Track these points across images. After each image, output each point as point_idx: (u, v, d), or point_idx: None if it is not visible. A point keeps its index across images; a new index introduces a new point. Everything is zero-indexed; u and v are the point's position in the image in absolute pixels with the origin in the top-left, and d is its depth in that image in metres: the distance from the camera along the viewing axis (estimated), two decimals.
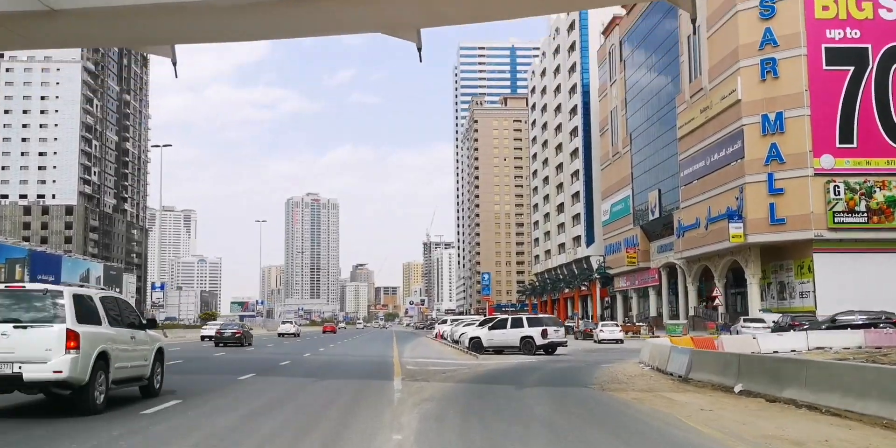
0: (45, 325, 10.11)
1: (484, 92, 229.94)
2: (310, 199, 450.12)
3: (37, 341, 9.93)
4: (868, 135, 49.46)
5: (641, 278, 75.63)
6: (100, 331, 10.81)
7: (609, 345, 41.67)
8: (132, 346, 11.83)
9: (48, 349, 9.87)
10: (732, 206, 53.00)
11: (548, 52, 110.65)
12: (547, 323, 26.81)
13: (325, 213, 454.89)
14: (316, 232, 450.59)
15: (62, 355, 9.86)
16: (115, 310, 11.76)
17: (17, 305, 10.42)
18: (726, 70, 53.88)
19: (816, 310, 48.80)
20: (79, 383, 10.04)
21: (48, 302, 10.39)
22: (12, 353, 9.81)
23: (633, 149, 75.87)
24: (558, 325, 27.56)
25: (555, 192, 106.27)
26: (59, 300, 10.40)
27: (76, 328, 10.14)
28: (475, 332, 28.54)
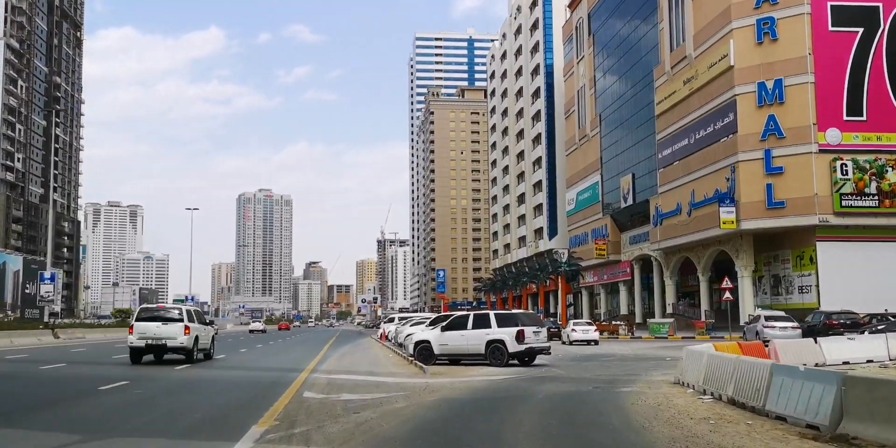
0: (176, 322, 21.13)
1: (441, 84, 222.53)
2: (262, 195, 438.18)
3: (173, 330, 20.92)
4: (879, 106, 43.08)
5: (611, 272, 68.85)
6: (195, 325, 21.60)
7: (581, 346, 34.64)
8: (204, 333, 22.68)
9: (177, 333, 20.87)
10: (722, 188, 46.29)
11: (508, 34, 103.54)
12: (523, 321, 19.39)
13: (279, 210, 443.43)
14: (269, 229, 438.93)
15: (182, 336, 20.83)
16: (199, 315, 23.02)
17: (163, 313, 21.92)
18: (716, 33, 47.13)
19: (820, 307, 42.34)
20: (189, 348, 21.14)
21: (176, 312, 21.68)
22: (162, 335, 20.76)
23: (602, 130, 69.00)
24: (539, 325, 20.20)
25: (515, 182, 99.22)
26: (179, 311, 21.69)
27: (188, 324, 21.23)
28: (424, 335, 21.01)
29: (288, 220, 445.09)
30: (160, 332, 20.44)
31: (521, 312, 20.66)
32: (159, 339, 20.42)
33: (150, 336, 20.35)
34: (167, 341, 20.41)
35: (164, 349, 20.65)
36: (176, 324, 20.59)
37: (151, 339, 20.37)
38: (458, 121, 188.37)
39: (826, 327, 25.44)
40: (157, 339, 20.41)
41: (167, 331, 20.42)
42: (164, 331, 20.40)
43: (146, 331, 20.43)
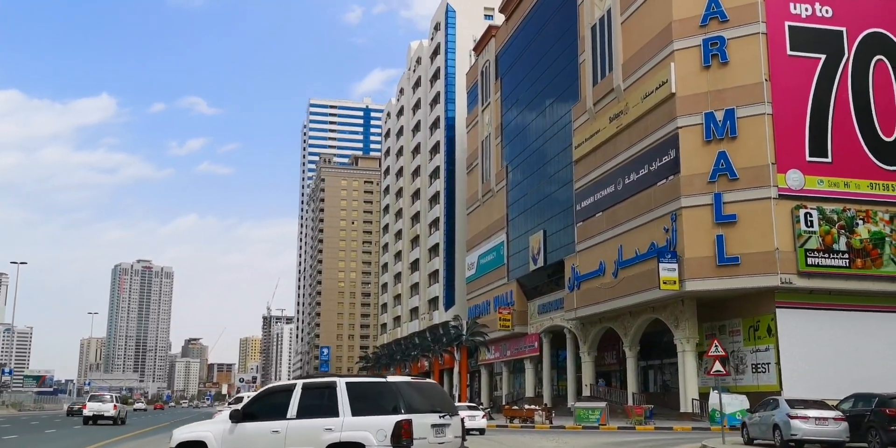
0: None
1: (334, 153, 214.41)
2: (141, 267, 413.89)
3: None
4: (846, 147, 35.89)
5: (515, 347, 59.23)
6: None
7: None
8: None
9: None
10: (659, 241, 37.83)
11: (406, 88, 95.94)
12: (412, 401, 9.52)
13: (158, 283, 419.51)
14: (145, 302, 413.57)
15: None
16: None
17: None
18: (653, 57, 39.59)
19: (781, 390, 33.75)
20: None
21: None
22: None
23: (509, 184, 60.60)
24: (446, 410, 10.06)
25: (409, 247, 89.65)
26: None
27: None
28: (198, 430, 10.03)
29: (168, 293, 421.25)
30: None
31: (409, 382, 10.39)
32: None
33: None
34: None
35: None
36: None
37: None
38: (351, 189, 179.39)
39: (885, 419, 16.36)
40: None
41: None
42: None
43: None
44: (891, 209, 35.45)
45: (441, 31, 79.85)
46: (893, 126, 36.76)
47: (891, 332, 35.06)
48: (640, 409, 34.43)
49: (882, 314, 35.31)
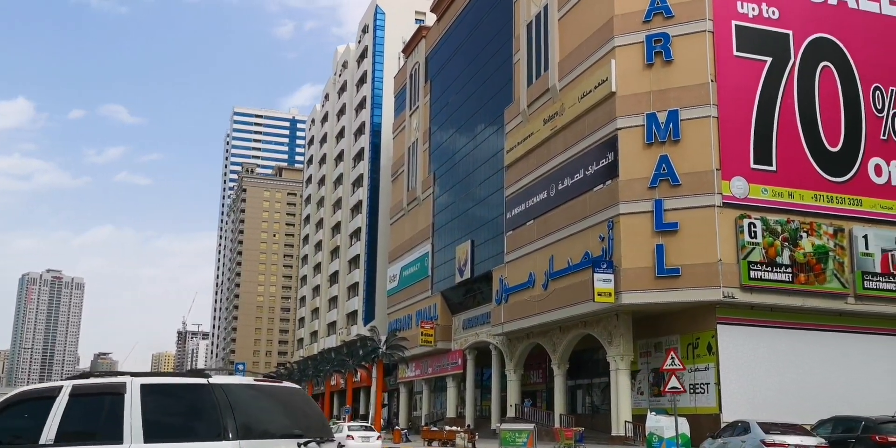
0: None
1: (258, 164, 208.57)
2: (50, 277, 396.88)
3: None
4: (790, 156, 33.93)
5: (437, 364, 55.90)
6: None
7: None
8: None
9: None
10: (594, 251, 35.18)
11: (331, 93, 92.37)
12: (245, 412, 5.73)
13: (68, 294, 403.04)
14: (54, 314, 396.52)
15: None
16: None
17: None
18: (592, 55, 37.18)
19: (721, 412, 31.32)
20: None
21: None
22: None
23: (436, 191, 57.57)
24: (319, 432, 6.20)
25: (328, 259, 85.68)
26: None
27: None
28: None
29: (78, 305, 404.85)
30: None
31: (250, 385, 6.37)
32: None
33: None
34: None
35: None
36: None
37: None
38: (273, 201, 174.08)
39: (872, 447, 13.69)
40: None
41: None
42: None
43: None
44: (835, 222, 33.57)
45: (369, 34, 76.79)
46: (839, 136, 35.03)
47: (833, 351, 33.08)
48: (569, 431, 31.51)
49: (824, 333, 33.30)
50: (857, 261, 33.36)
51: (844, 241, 33.49)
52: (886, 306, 33.38)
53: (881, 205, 34.64)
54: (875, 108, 35.75)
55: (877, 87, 35.97)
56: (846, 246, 33.49)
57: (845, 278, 33.08)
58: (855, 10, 36.64)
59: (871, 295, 33.13)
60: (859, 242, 33.65)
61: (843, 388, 32.34)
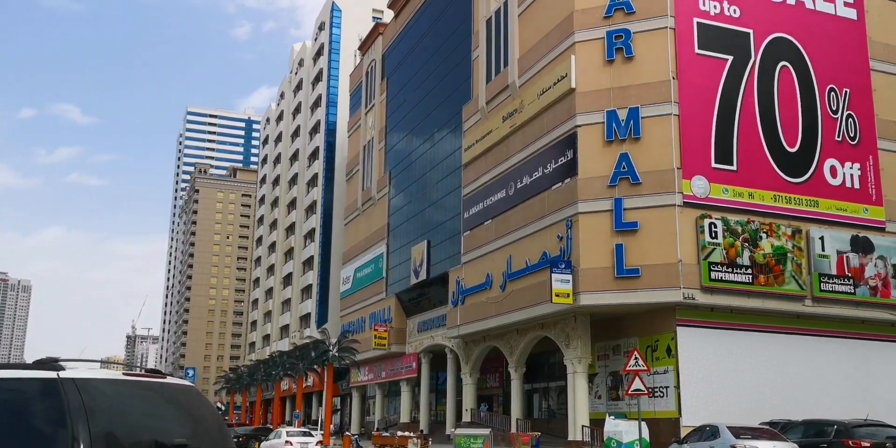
0: None
1: (212, 164, 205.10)
2: None
3: None
4: (751, 156, 33.54)
5: (391, 368, 54.74)
6: None
7: None
8: None
9: None
10: (553, 251, 34.42)
11: (287, 92, 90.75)
12: (105, 415, 3.90)
13: (14, 296, 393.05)
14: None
15: None
16: None
17: None
18: (551, 51, 36.48)
19: (680, 416, 30.74)
20: None
21: None
22: None
23: (392, 191, 56.48)
24: (200, 441, 4.46)
25: (282, 261, 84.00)
26: None
27: None
28: None
29: (24, 308, 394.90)
30: None
31: (114, 380, 4.49)
32: None
33: None
34: None
35: None
36: None
37: None
38: (227, 202, 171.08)
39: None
40: None
41: None
42: None
43: None
44: (793, 223, 33.23)
45: (325, 31, 75.47)
46: (797, 136, 34.75)
47: (792, 354, 32.70)
48: (526, 436, 30.66)
49: (783, 335, 32.90)
50: (814, 262, 33.07)
51: (802, 243, 33.19)
52: (842, 309, 33.12)
53: (836, 206, 34.42)
54: (830, 109, 35.58)
55: (832, 89, 35.81)
56: (804, 247, 33.18)
57: (803, 280, 32.75)
58: (812, 11, 36.48)
59: (827, 297, 32.85)
60: (816, 244, 33.38)
61: (801, 392, 32.00)
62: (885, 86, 36.72)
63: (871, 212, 34.60)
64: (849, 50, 36.61)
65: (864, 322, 33.65)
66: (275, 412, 67.29)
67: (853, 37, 36.90)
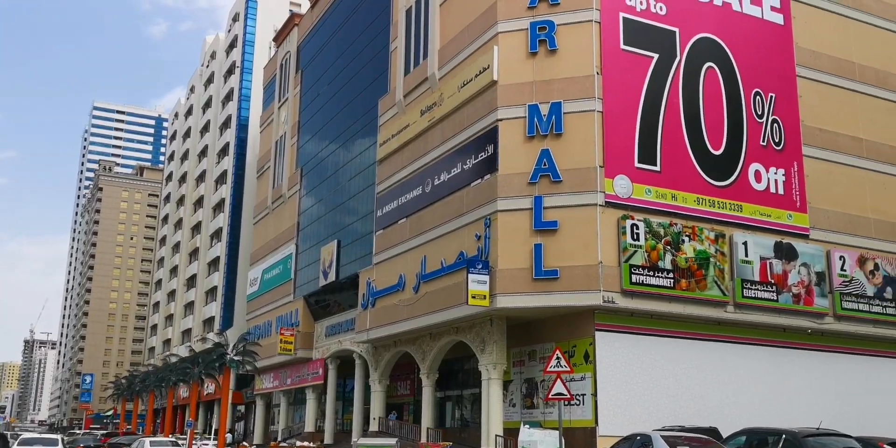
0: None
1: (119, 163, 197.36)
2: None
3: None
4: (675, 157, 32.50)
5: (297, 375, 52.07)
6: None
7: None
8: None
9: None
10: (470, 250, 32.65)
11: (198, 86, 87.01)
12: None
13: None
14: None
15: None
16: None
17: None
18: (473, 41, 34.83)
19: (597, 426, 29.30)
20: None
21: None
22: None
23: (303, 188, 53.92)
24: None
25: (186, 261, 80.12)
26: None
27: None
28: None
29: None
30: None
31: None
32: None
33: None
34: None
35: None
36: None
37: None
38: (133, 202, 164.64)
39: None
40: None
41: None
42: None
43: None
44: (716, 227, 32.29)
45: (240, 22, 72.37)
46: (721, 139, 33.91)
47: (712, 361, 31.68)
48: (436, 446, 28.75)
49: (704, 342, 31.86)
50: (736, 268, 32.17)
51: (725, 247, 32.27)
52: (764, 316, 32.31)
53: (760, 211, 33.70)
54: (756, 114, 34.92)
55: (757, 93, 35.19)
56: (727, 252, 32.27)
57: (725, 285, 31.81)
58: (739, 13, 35.85)
59: (749, 304, 31.96)
60: (739, 249, 32.51)
61: (720, 400, 31.02)
62: (811, 92, 36.33)
63: (795, 218, 34.00)
64: (775, 54, 36.10)
65: (786, 330, 32.94)
66: (166, 420, 63.37)
67: (779, 42, 36.42)
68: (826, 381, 33.32)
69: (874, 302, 34.69)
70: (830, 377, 33.50)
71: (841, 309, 33.67)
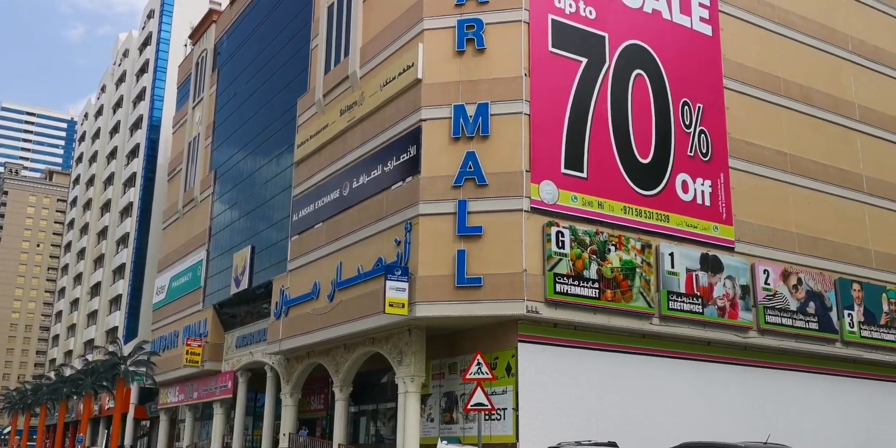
0: None
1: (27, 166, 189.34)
2: None
3: None
4: (602, 164, 31.56)
5: (204, 388, 49.32)
6: None
7: None
8: None
9: None
10: (389, 256, 31.00)
11: (109, 85, 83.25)
12: None
13: None
14: None
15: None
16: None
17: None
18: (398, 39, 33.37)
19: (518, 442, 27.93)
20: None
21: None
22: None
23: (217, 191, 51.41)
24: None
25: (91, 268, 76.09)
26: None
27: None
28: None
29: None
30: None
31: None
32: None
33: None
34: None
35: None
36: None
37: None
38: (40, 207, 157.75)
39: None
40: None
41: None
42: None
43: None
44: (643, 237, 31.44)
45: (155, 19, 69.40)
46: (649, 148, 33.18)
47: (637, 375, 30.71)
48: None
49: (628, 355, 30.89)
50: (662, 279, 31.33)
51: (652, 258, 31.41)
52: (689, 329, 31.53)
53: (687, 223, 33.02)
54: (684, 124, 34.35)
55: (685, 102, 34.65)
56: (653, 263, 31.42)
57: (651, 297, 30.92)
58: (668, 22, 35.35)
59: (675, 316, 31.14)
60: (666, 260, 31.70)
61: (645, 415, 30.06)
62: (738, 105, 36.02)
63: (721, 230, 33.44)
64: (703, 65, 35.68)
65: (711, 344, 32.22)
66: (57, 436, 59.36)
67: (708, 53, 36.04)
68: (750, 396, 32.75)
69: (797, 316, 34.35)
70: (755, 392, 32.95)
71: (765, 323, 33.18)
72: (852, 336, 35.74)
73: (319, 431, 41.11)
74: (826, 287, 35.80)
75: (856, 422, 35.42)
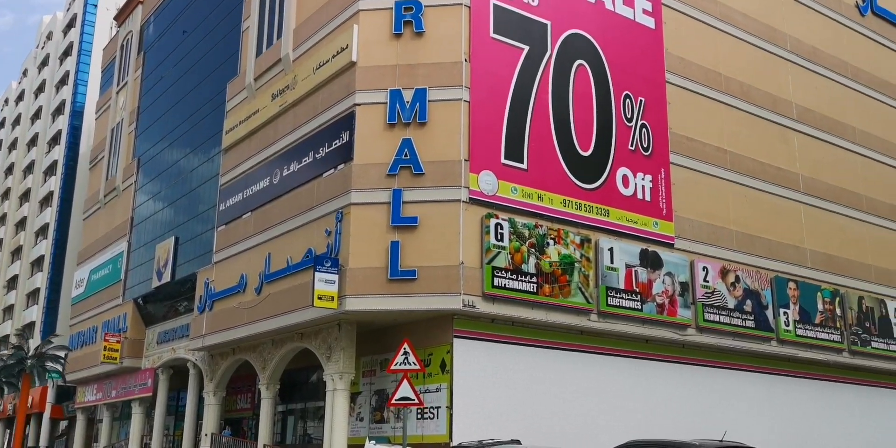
0: None
1: None
2: None
3: None
4: (542, 155, 30.58)
5: (122, 386, 46.96)
6: None
7: None
8: None
9: None
10: (319, 247, 29.51)
11: (31, 68, 79.52)
12: None
13: None
14: None
15: None
16: None
17: None
18: (332, 20, 31.87)
19: (451, 441, 26.74)
20: None
21: None
22: None
23: (140, 180, 49.01)
24: None
25: (7, 261, 72.51)
26: None
27: None
28: None
29: None
30: None
31: None
32: None
33: None
34: None
35: None
36: None
37: None
38: None
39: None
40: None
41: None
42: None
43: None
44: (582, 231, 30.58)
45: (80, 0, 66.29)
46: (590, 140, 32.34)
47: (575, 373, 29.83)
48: None
49: (566, 352, 30.00)
50: (601, 275, 30.52)
51: (591, 253, 30.59)
52: (628, 325, 30.80)
53: (627, 217, 32.31)
54: (625, 117, 33.64)
55: (627, 95, 33.94)
56: (592, 258, 30.60)
57: (590, 293, 30.08)
58: (612, 13, 34.62)
59: (614, 312, 30.36)
60: (605, 255, 30.90)
61: (584, 413, 29.23)
62: (679, 100, 35.46)
63: (661, 226, 32.80)
64: (646, 58, 35.02)
65: (649, 341, 31.56)
66: None
67: (650, 46, 35.40)
68: (688, 395, 32.20)
69: (735, 314, 33.96)
70: (693, 390, 32.42)
71: (703, 321, 32.68)
72: (788, 335, 35.56)
73: (245, 431, 39.33)
74: (763, 285, 35.55)
75: (791, 420, 35.24)
